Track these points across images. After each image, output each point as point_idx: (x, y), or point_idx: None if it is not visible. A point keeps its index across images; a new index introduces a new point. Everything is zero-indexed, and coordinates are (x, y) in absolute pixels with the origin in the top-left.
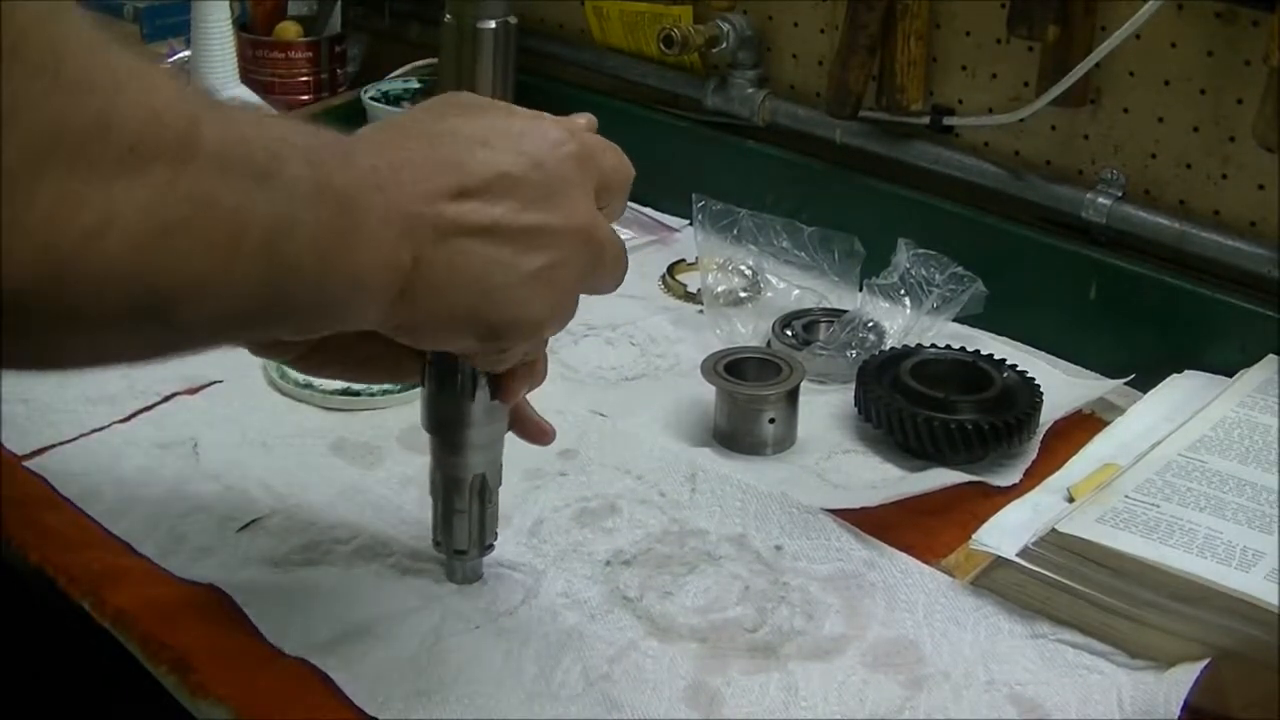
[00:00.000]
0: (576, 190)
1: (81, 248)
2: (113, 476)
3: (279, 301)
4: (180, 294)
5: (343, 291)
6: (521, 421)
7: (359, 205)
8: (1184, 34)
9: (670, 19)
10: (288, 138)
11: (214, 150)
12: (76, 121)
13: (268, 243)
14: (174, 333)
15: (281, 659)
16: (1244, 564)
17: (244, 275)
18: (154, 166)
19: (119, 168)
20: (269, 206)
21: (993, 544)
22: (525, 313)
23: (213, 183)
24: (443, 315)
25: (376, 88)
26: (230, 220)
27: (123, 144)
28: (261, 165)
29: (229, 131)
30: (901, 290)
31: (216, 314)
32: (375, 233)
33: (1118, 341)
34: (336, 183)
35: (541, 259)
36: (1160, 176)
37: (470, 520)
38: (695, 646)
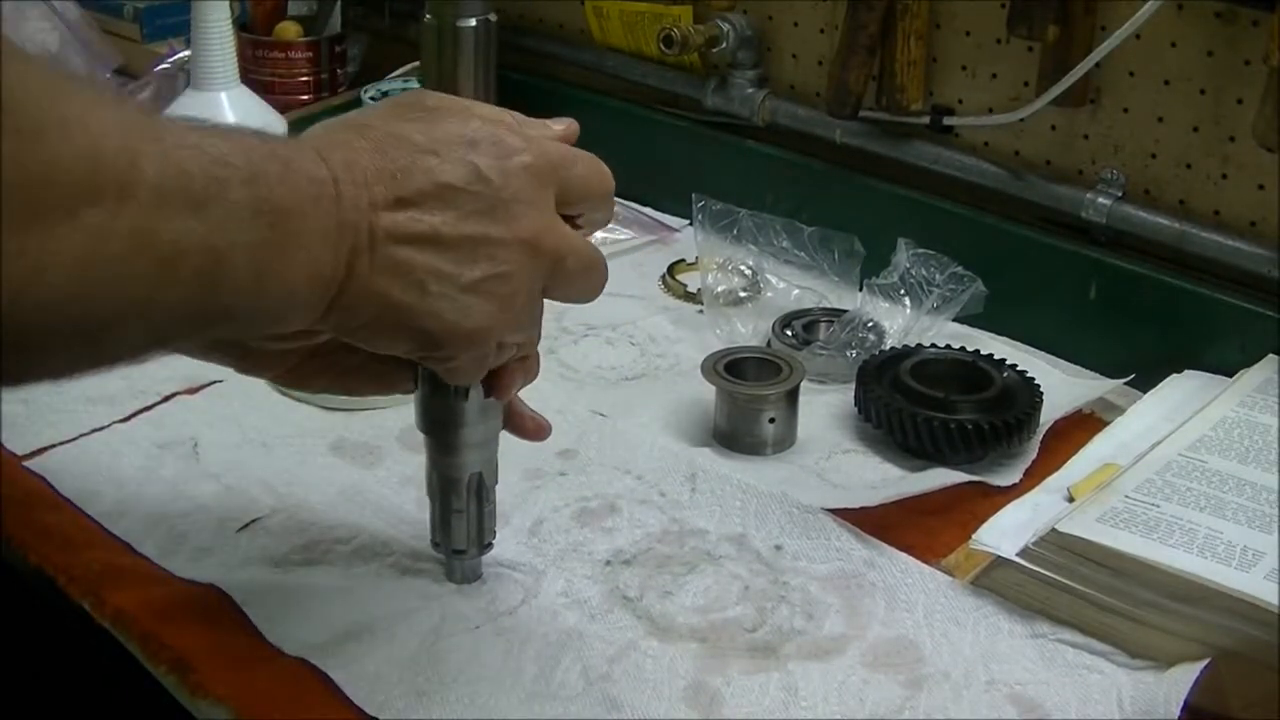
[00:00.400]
0: (524, 201)
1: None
2: (113, 476)
3: (213, 315)
4: (115, 320)
5: (277, 302)
6: (516, 418)
7: (295, 217)
8: (1184, 34)
9: (670, 19)
10: (228, 158)
11: (153, 186)
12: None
13: (204, 267)
14: (107, 351)
15: (281, 659)
16: (1244, 564)
17: (179, 298)
18: (94, 209)
19: (60, 213)
20: (205, 233)
21: (993, 544)
22: (465, 321)
23: (150, 218)
24: (376, 321)
25: (376, 87)
26: (167, 250)
27: (65, 191)
28: (199, 194)
29: (168, 165)
30: (901, 290)
31: (150, 332)
32: (310, 244)
33: (1118, 341)
34: (275, 198)
35: (481, 269)
36: (1160, 176)
37: (468, 520)
38: (695, 646)
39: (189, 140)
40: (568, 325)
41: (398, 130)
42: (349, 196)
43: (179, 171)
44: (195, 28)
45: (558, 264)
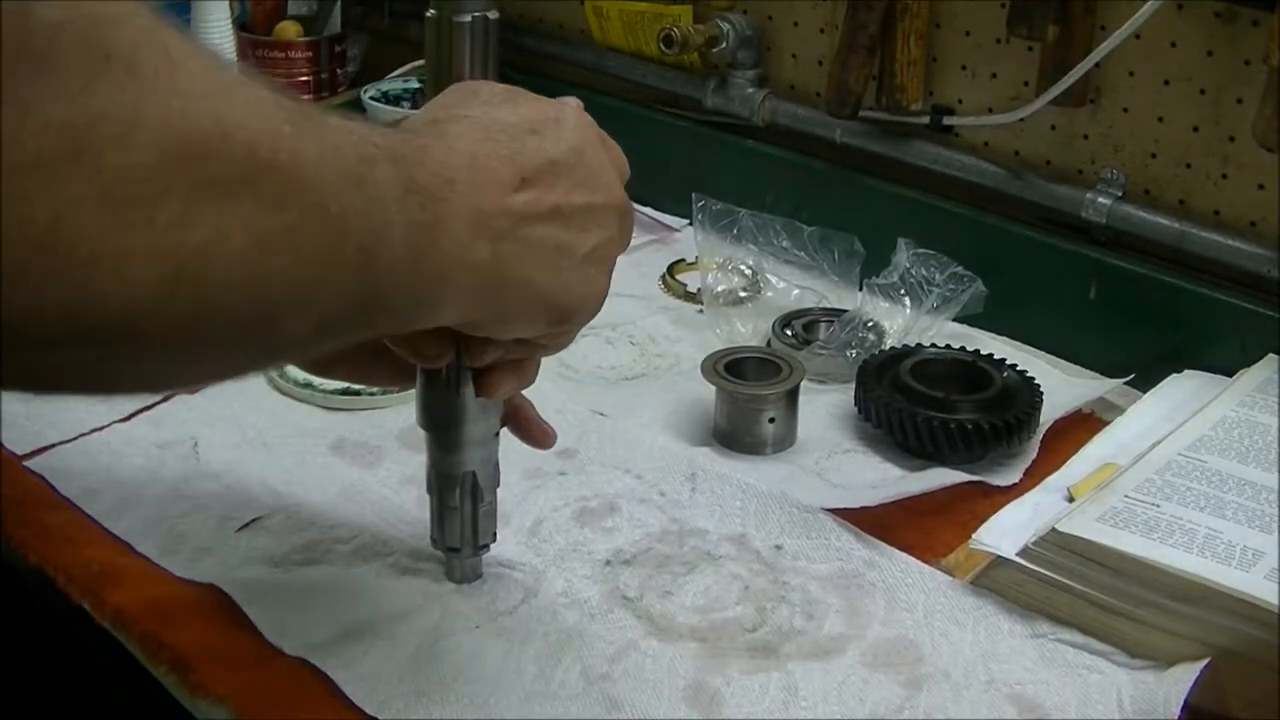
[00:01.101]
0: (607, 170)
1: (199, 261)
2: (113, 476)
3: (373, 303)
4: (287, 303)
5: (429, 289)
6: (524, 423)
7: (439, 201)
8: (1184, 34)
9: (670, 19)
10: (370, 138)
11: (314, 157)
12: (196, 132)
13: (365, 245)
14: (276, 344)
15: (281, 658)
16: (1244, 564)
17: (344, 279)
18: (266, 175)
19: (235, 181)
20: (365, 209)
21: (992, 544)
22: (590, 290)
23: (318, 190)
24: (519, 304)
25: (376, 87)
26: (334, 226)
27: (239, 154)
28: (354, 169)
29: (324, 137)
30: (901, 290)
31: (318, 321)
32: (457, 230)
33: (1118, 341)
34: (419, 179)
35: (594, 238)
36: (1160, 176)
37: (462, 518)
38: (695, 646)
39: (331, 119)
40: None
41: (494, 115)
42: (480, 183)
43: (334, 144)
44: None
45: (631, 228)
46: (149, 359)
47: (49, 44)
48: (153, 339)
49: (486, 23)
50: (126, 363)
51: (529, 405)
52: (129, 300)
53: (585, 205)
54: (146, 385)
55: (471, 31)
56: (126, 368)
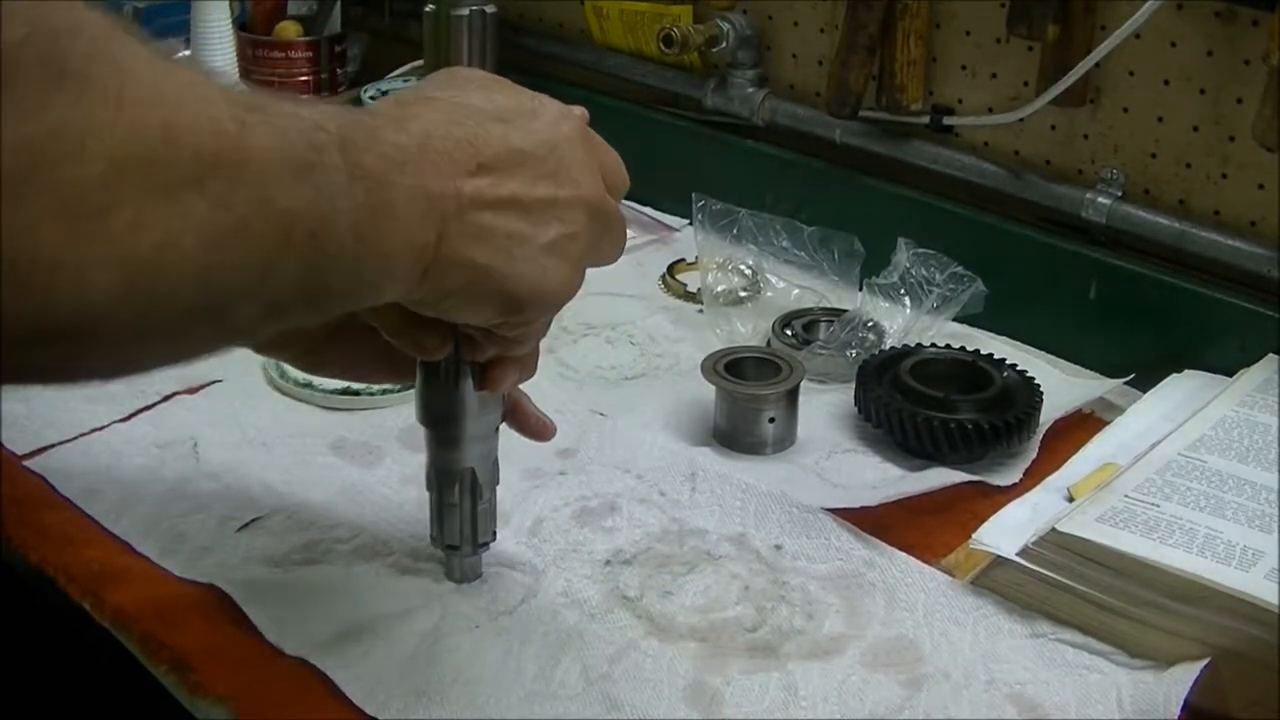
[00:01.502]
0: (582, 166)
1: (154, 262)
2: (113, 476)
3: (319, 288)
4: (237, 293)
5: (374, 273)
6: (522, 417)
7: (386, 184)
8: (1184, 33)
9: (670, 18)
10: (320, 123)
11: (263, 152)
12: (145, 141)
13: (312, 233)
14: (226, 330)
15: (281, 658)
16: (1244, 563)
17: (292, 267)
18: (214, 176)
19: (184, 181)
20: (313, 196)
21: (992, 543)
22: (546, 282)
23: (265, 185)
24: (465, 288)
25: (376, 87)
26: (282, 217)
27: (186, 158)
28: (302, 159)
29: (274, 131)
30: (901, 290)
31: (266, 306)
32: (402, 212)
33: (1117, 341)
34: (366, 164)
35: (555, 230)
36: (1160, 176)
37: (461, 515)
38: (695, 646)
39: (284, 108)
40: (567, 325)
41: (463, 100)
42: (433, 165)
43: (284, 138)
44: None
45: (608, 227)
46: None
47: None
48: (109, 337)
49: (484, 17)
50: (83, 359)
51: (526, 399)
52: (87, 305)
53: (548, 198)
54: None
55: (469, 25)
56: (83, 363)
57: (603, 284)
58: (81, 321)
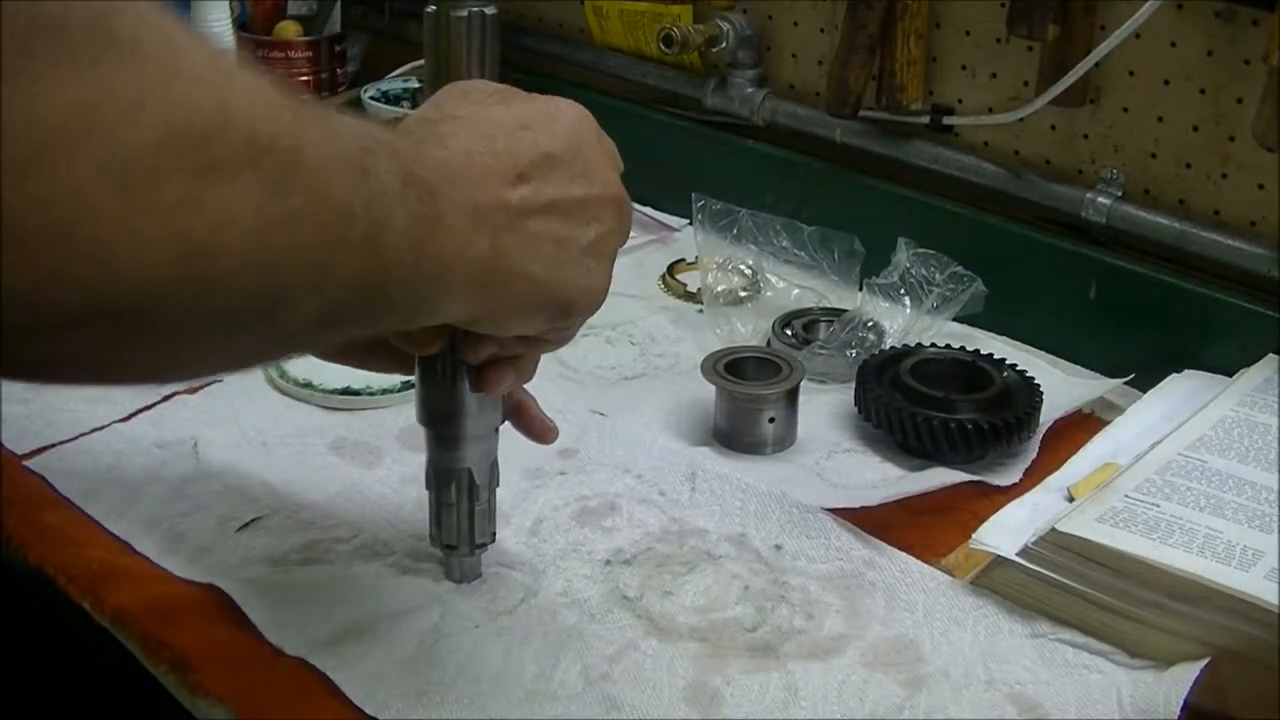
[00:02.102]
0: (604, 161)
1: (210, 242)
2: (113, 476)
3: (377, 294)
4: (294, 287)
5: (431, 283)
6: (527, 419)
7: (438, 196)
8: (1184, 33)
9: (670, 18)
10: (369, 131)
11: (317, 143)
12: (199, 114)
13: (369, 234)
14: (282, 332)
15: (281, 658)
16: (1244, 563)
17: (349, 267)
18: (269, 158)
19: (239, 161)
20: (369, 198)
21: (992, 543)
22: (591, 283)
23: (322, 175)
24: (520, 299)
25: (376, 87)
26: (339, 211)
27: (241, 137)
28: (356, 159)
29: (325, 126)
30: (901, 290)
31: (323, 309)
32: (457, 224)
33: (1117, 341)
34: (418, 174)
35: (593, 230)
36: (1160, 176)
37: (459, 514)
38: (695, 646)
39: (330, 111)
40: None
41: (485, 113)
42: (479, 178)
43: (335, 134)
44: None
45: (629, 219)
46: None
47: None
48: (163, 321)
49: (484, 18)
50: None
51: (531, 400)
52: (142, 281)
53: (583, 198)
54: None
55: (469, 26)
56: (133, 353)
57: None
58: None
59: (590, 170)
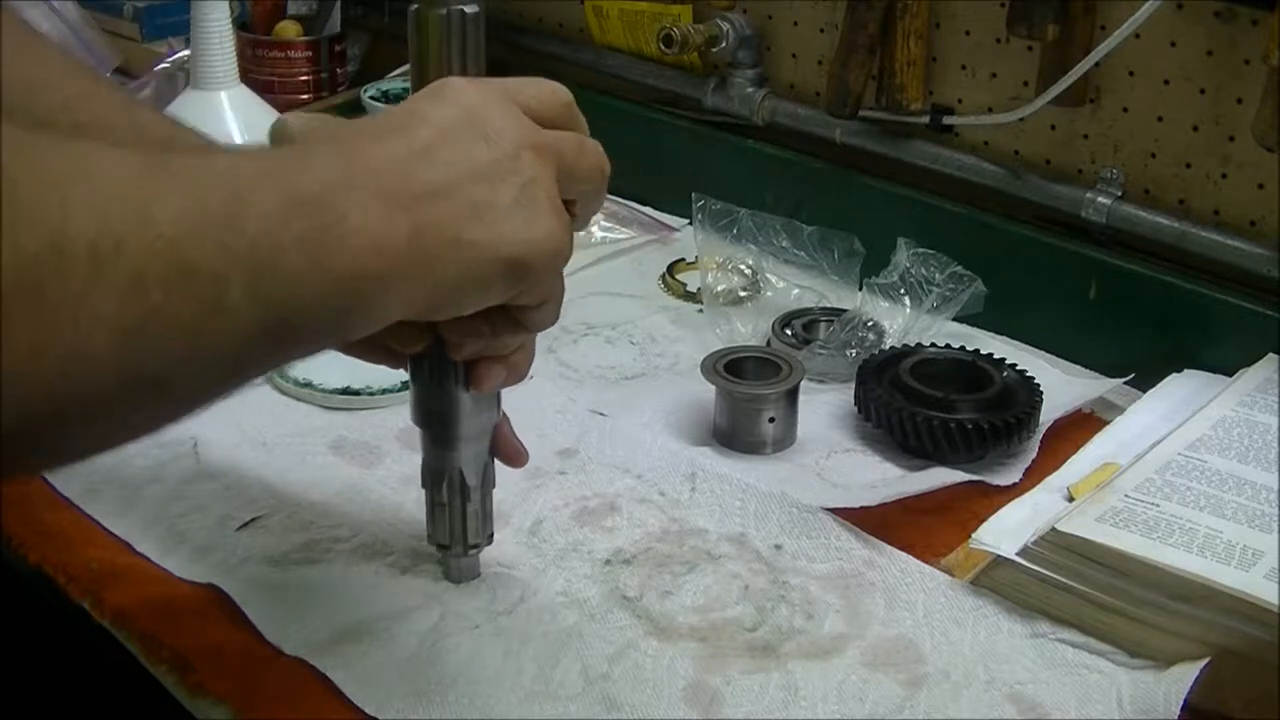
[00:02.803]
0: (504, 117)
1: (65, 370)
2: (113, 476)
3: (282, 330)
4: (170, 369)
5: (350, 293)
6: (498, 440)
7: (326, 204)
8: (1183, 33)
9: (670, 18)
10: (242, 164)
11: (176, 217)
12: (32, 261)
13: (250, 286)
14: (174, 401)
15: (281, 658)
16: (1244, 563)
17: (233, 327)
18: (114, 266)
19: (84, 285)
20: (245, 247)
21: (992, 543)
22: (534, 232)
23: (178, 253)
24: (461, 269)
25: (376, 87)
26: (207, 282)
27: (82, 261)
28: (223, 210)
29: (186, 188)
30: (901, 289)
31: (214, 373)
32: (363, 220)
33: (1117, 341)
34: (301, 187)
35: (512, 184)
36: (1160, 176)
37: (451, 515)
38: (695, 646)
39: (194, 161)
40: (568, 325)
41: (363, 120)
42: (379, 165)
43: (198, 196)
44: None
45: (560, 159)
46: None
47: None
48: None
49: (464, 16)
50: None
51: (506, 422)
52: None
53: (489, 158)
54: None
55: (449, 25)
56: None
57: (603, 284)
58: None
59: (491, 133)
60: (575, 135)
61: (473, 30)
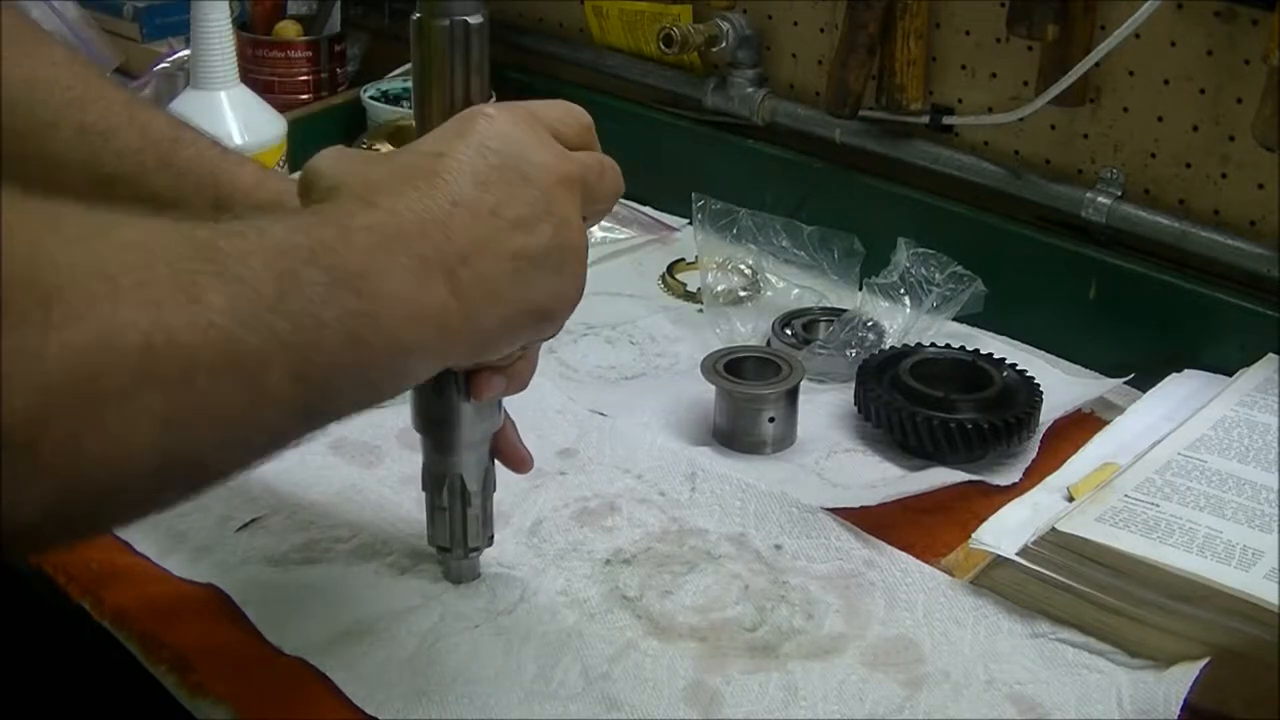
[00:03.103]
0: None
1: (105, 460)
2: None
3: (320, 406)
4: (209, 453)
5: (387, 363)
6: (503, 444)
7: (373, 274)
8: (1183, 33)
9: (670, 18)
10: (289, 239)
11: (223, 310)
12: (79, 357)
13: (295, 361)
14: (209, 479)
15: (281, 658)
16: (1244, 563)
17: (275, 404)
18: (166, 361)
19: (131, 384)
20: (289, 328)
21: (992, 543)
22: (562, 283)
23: (226, 340)
24: (497, 326)
25: (376, 87)
26: (251, 369)
27: (131, 359)
28: (271, 292)
29: (236, 281)
30: (901, 289)
31: (253, 451)
32: (401, 289)
33: (1117, 341)
34: (348, 264)
35: (548, 226)
36: (1160, 176)
37: (451, 518)
38: (695, 646)
39: (241, 246)
40: (568, 325)
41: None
42: (414, 223)
43: (246, 282)
44: (195, 27)
45: (585, 185)
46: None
47: None
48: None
49: (467, 27)
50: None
51: (512, 427)
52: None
53: (524, 199)
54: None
55: (451, 36)
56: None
57: (603, 284)
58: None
59: (525, 167)
60: (598, 157)
61: (477, 42)
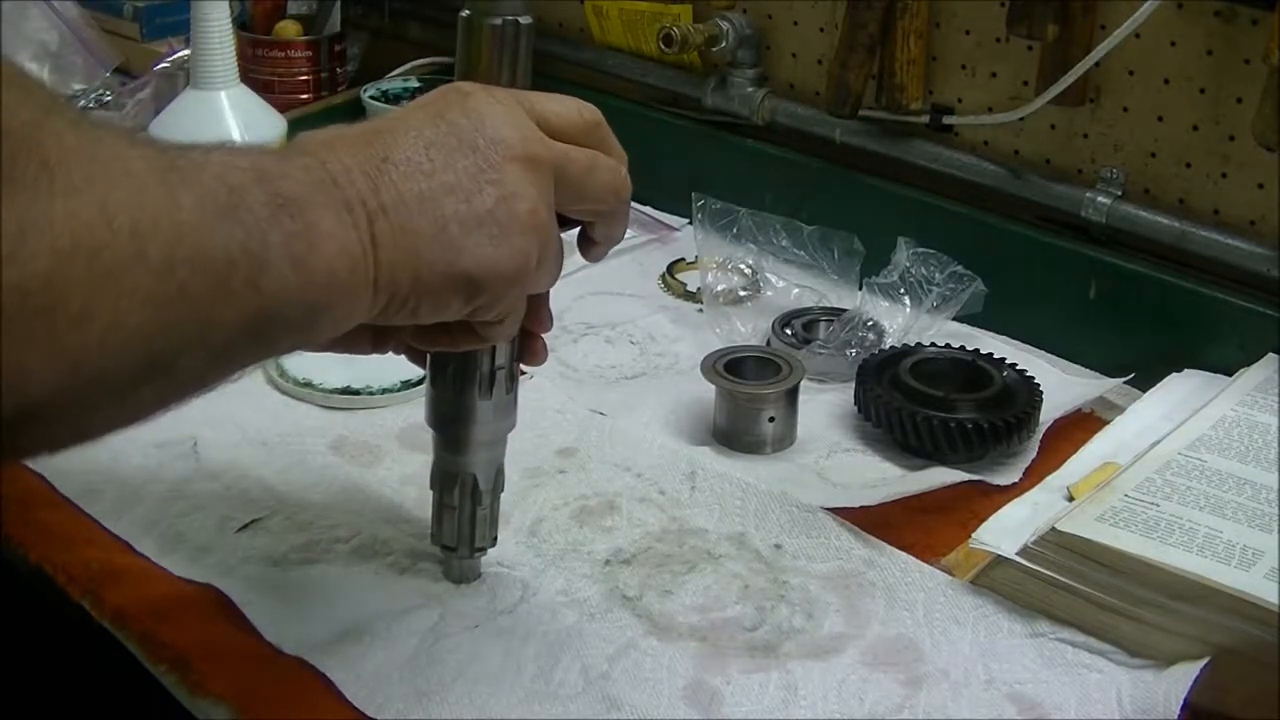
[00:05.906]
0: (505, 125)
1: (99, 346)
2: (112, 475)
3: (268, 323)
4: (180, 353)
5: (323, 294)
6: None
7: (308, 205)
8: (1183, 33)
9: (670, 18)
10: (235, 163)
11: (192, 206)
12: (84, 225)
13: (250, 276)
14: (172, 388)
15: (281, 658)
16: (1243, 563)
17: (235, 310)
18: (153, 244)
19: (129, 259)
20: (244, 238)
21: (992, 543)
22: (494, 253)
23: (198, 237)
24: (420, 285)
25: (376, 86)
26: (220, 266)
27: (125, 236)
28: (226, 203)
29: (197, 186)
30: (901, 289)
31: (213, 354)
32: (331, 228)
33: (1117, 340)
34: (284, 190)
35: (490, 195)
36: (1160, 175)
37: (460, 518)
38: (695, 645)
39: (195, 155)
40: (568, 325)
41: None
42: (342, 172)
43: (205, 187)
44: (195, 27)
45: (560, 172)
46: (44, 431)
47: None
48: (50, 417)
49: (518, 27)
50: (21, 440)
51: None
52: (26, 398)
53: (471, 167)
54: (43, 451)
55: (502, 35)
56: (21, 444)
57: (603, 283)
58: (19, 412)
59: (482, 141)
60: (588, 151)
61: (525, 42)
